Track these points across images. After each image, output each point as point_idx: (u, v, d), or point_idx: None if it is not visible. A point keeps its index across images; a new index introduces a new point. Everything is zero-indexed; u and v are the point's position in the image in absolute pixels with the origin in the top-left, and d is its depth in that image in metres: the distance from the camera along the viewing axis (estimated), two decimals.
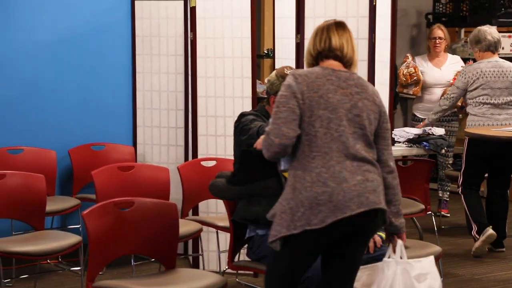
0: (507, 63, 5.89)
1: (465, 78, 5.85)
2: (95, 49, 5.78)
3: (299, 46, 4.87)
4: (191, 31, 5.43)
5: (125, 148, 5.78)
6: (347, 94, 3.16)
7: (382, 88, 4.61)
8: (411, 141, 6.11)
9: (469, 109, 5.95)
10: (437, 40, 6.86)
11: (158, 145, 5.78)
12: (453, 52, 7.64)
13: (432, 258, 3.49)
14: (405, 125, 8.10)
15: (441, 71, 6.86)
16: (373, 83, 4.71)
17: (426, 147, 6.07)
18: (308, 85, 3.13)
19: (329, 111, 3.13)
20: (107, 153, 5.73)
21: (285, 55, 5.06)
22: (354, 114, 3.16)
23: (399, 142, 6.14)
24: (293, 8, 5.02)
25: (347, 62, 3.24)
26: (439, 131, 6.28)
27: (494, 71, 5.77)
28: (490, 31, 5.85)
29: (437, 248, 4.19)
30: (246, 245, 3.90)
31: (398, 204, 3.29)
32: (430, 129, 6.26)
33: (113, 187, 4.62)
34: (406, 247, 4.03)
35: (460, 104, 6.49)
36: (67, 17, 5.66)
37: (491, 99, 5.78)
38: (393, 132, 6.27)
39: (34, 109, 5.57)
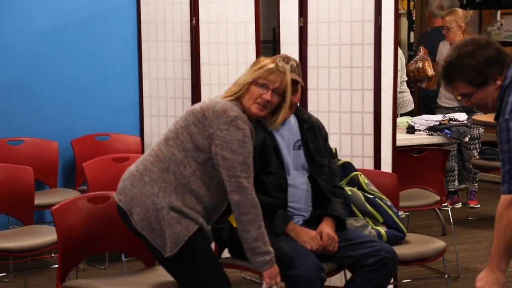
0: None
1: None
2: (100, 35, 5.60)
3: (302, 30, 4.60)
4: (193, 16, 5.22)
5: (130, 138, 5.60)
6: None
7: (386, 72, 4.33)
8: (432, 129, 5.81)
9: None
10: (443, 30, 6.52)
11: None
12: (488, 35, 7.26)
13: None
14: None
15: None
16: (379, 67, 4.43)
17: (448, 135, 5.77)
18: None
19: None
20: (112, 143, 5.56)
21: (289, 40, 4.80)
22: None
23: (419, 130, 5.85)
24: None
25: None
26: (462, 116, 5.96)
27: None
28: None
29: (440, 244, 3.91)
30: None
31: (249, 242, 3.09)
32: (453, 115, 5.95)
33: (105, 180, 4.42)
34: (409, 242, 3.84)
35: None
36: (70, 2, 5.47)
37: None
38: (412, 120, 6.00)
39: (35, 99, 5.41)
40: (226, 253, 3.59)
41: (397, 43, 4.19)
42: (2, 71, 5.28)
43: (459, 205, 6.61)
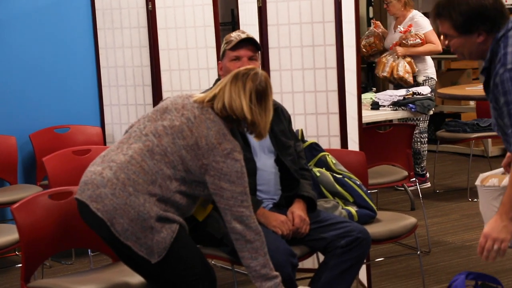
0: None
1: None
2: (54, 25, 5.44)
3: (261, 10, 4.51)
4: (149, 1, 5.09)
5: (91, 129, 5.47)
6: (179, 112, 3.03)
7: (349, 49, 4.26)
8: (396, 104, 5.78)
9: None
10: (384, 5, 6.48)
11: (127, 124, 5.46)
12: None
13: None
14: None
15: (394, 34, 6.43)
16: (341, 45, 4.35)
17: (413, 109, 5.75)
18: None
19: (153, 110, 3.10)
20: (72, 135, 5.42)
21: (249, 21, 4.70)
22: (163, 124, 3.03)
23: (384, 106, 5.82)
24: None
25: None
26: (426, 90, 5.94)
27: None
28: None
29: (411, 220, 3.87)
30: None
31: (257, 270, 3.01)
32: (416, 89, 5.92)
33: (67, 174, 4.30)
34: (380, 220, 3.80)
35: None
36: None
37: None
38: (376, 96, 5.96)
39: None
40: None
41: (358, 19, 4.11)
42: None
43: (427, 185, 6.53)
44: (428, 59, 6.43)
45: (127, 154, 2.95)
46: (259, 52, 3.56)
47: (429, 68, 6.40)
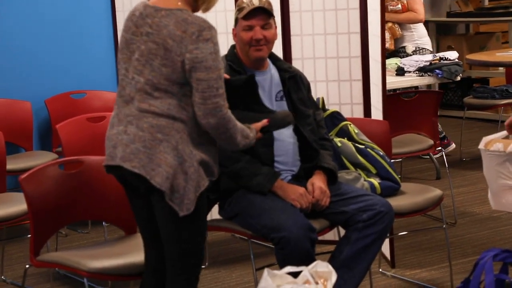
0: None
1: None
2: None
3: None
4: None
5: (108, 94, 5.31)
6: (137, 34, 2.75)
7: (372, 13, 4.08)
8: (422, 70, 5.59)
9: None
10: None
11: None
12: None
13: None
14: None
15: None
16: (365, 8, 4.17)
17: (439, 75, 5.54)
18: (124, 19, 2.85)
19: (119, 50, 2.81)
20: (89, 101, 5.30)
21: None
22: (135, 58, 2.74)
23: (409, 72, 5.63)
24: None
25: None
26: (453, 55, 5.73)
27: None
28: None
29: (436, 193, 3.71)
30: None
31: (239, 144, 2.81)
32: (443, 54, 5.72)
33: (81, 141, 4.19)
34: (404, 192, 3.65)
35: None
36: None
37: None
38: (401, 61, 5.76)
39: (3, 56, 5.09)
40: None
41: (383, 9, 3.93)
42: None
43: (452, 147, 6.37)
44: (419, 27, 6.21)
45: (133, 104, 2.75)
46: (274, 18, 3.37)
47: (421, 38, 6.18)
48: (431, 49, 6.27)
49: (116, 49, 5.41)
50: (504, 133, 3.02)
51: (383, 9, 3.95)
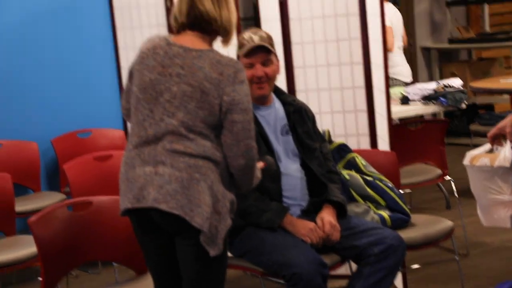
0: None
1: None
2: (73, 26, 5.33)
3: (282, 4, 4.34)
4: None
5: (114, 132, 5.35)
6: (165, 74, 2.71)
7: (375, 43, 4.09)
8: (427, 98, 5.59)
9: None
10: None
11: None
12: None
13: None
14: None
15: None
16: (367, 38, 4.18)
17: (444, 103, 5.54)
18: (139, 56, 2.77)
19: (140, 90, 2.73)
20: (95, 140, 5.31)
21: (270, 16, 4.54)
22: (165, 99, 2.70)
23: (414, 100, 5.63)
24: None
25: (213, 33, 2.77)
26: (457, 82, 5.73)
27: None
28: None
29: (447, 223, 3.69)
30: None
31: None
32: (447, 82, 5.73)
33: (89, 181, 4.18)
34: (414, 224, 3.63)
35: None
36: None
37: None
38: (406, 89, 5.77)
39: (7, 98, 5.12)
40: None
41: (383, 11, 3.93)
42: None
43: None
44: (391, 56, 6.18)
45: (160, 145, 2.69)
46: (275, 53, 3.37)
47: (393, 67, 6.13)
48: (407, 80, 6.26)
49: (121, 87, 5.43)
50: (488, 146, 2.98)
51: (384, 38, 3.95)
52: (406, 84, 6.24)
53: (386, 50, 3.97)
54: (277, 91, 3.49)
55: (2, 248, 3.88)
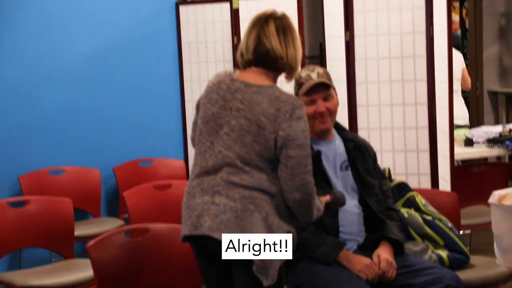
0: None
1: None
2: (140, 59, 5.47)
3: (349, 45, 4.36)
4: (235, 35, 5.02)
5: (174, 162, 5.42)
6: (226, 108, 2.77)
7: (441, 85, 4.06)
8: (491, 141, 5.50)
9: None
10: None
11: None
12: None
13: None
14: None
15: None
16: (433, 80, 4.16)
17: (510, 147, 5.44)
18: (205, 90, 2.88)
19: (203, 122, 2.82)
20: (155, 169, 5.39)
21: (336, 55, 4.56)
22: (224, 132, 2.75)
23: (478, 142, 5.54)
24: (340, 3, 4.51)
25: (278, 70, 2.81)
26: None
27: None
28: None
29: (502, 270, 3.61)
30: None
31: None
32: None
33: (147, 209, 4.23)
34: (473, 266, 3.56)
35: None
36: (106, 28, 5.33)
37: None
38: (470, 132, 5.69)
39: (74, 127, 5.25)
40: None
41: (451, 53, 3.92)
42: (41, 99, 5.11)
43: None
44: None
45: (218, 176, 2.75)
46: (333, 87, 3.38)
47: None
48: (459, 122, 6.17)
49: (184, 119, 5.50)
50: None
51: (451, 80, 3.93)
52: (458, 126, 6.16)
53: (452, 92, 3.94)
54: (339, 128, 3.49)
55: (60, 270, 3.95)
